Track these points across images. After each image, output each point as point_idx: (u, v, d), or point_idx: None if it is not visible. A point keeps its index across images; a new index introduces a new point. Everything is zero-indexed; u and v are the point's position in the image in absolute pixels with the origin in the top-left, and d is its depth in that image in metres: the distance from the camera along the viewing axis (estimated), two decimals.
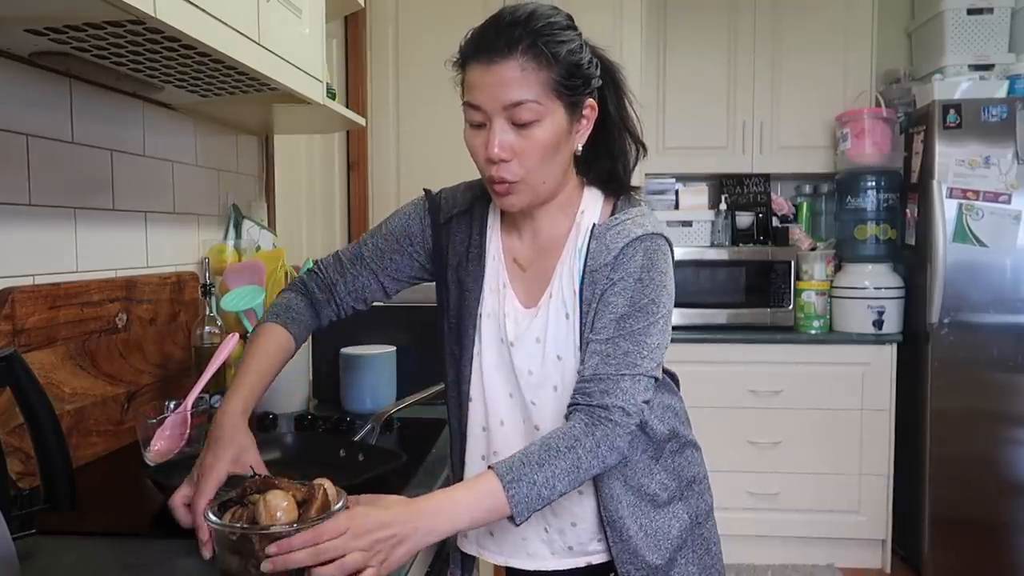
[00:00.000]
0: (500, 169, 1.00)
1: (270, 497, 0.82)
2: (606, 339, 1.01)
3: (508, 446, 1.09)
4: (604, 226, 1.05)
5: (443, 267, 1.16)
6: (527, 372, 1.08)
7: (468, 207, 1.17)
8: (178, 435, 1.26)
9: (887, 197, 3.09)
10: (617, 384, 0.99)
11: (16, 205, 1.18)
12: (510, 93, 0.97)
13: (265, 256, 1.71)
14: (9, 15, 0.94)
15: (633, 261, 1.02)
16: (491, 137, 0.99)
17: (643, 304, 1.01)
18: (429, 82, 3.07)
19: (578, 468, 0.96)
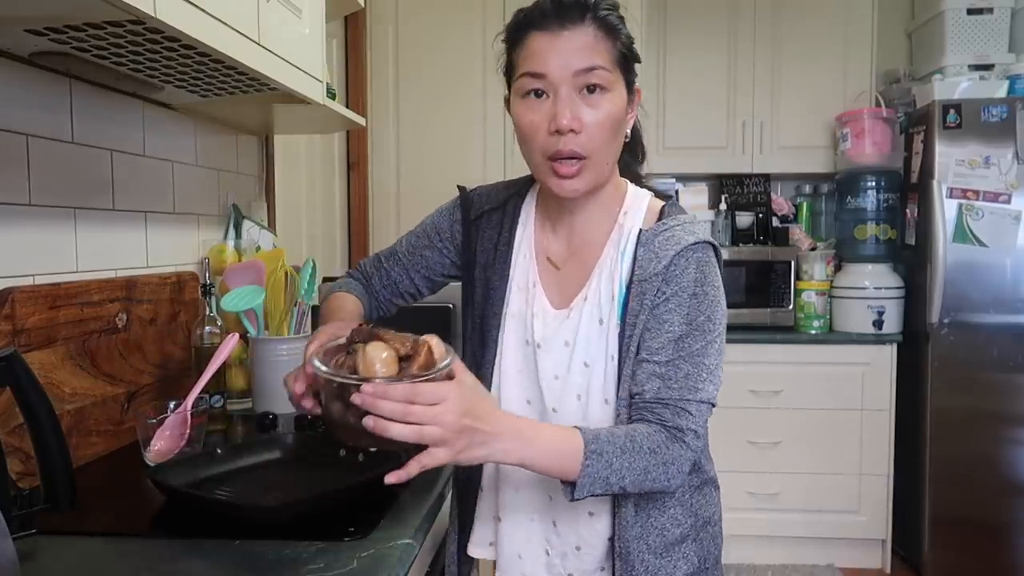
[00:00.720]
0: (569, 141, 0.94)
1: (369, 348, 0.80)
2: (666, 361, 0.95)
3: None
4: (652, 232, 0.99)
5: (471, 265, 1.13)
6: (552, 376, 1.02)
7: (501, 204, 1.12)
8: (178, 435, 1.26)
9: (887, 197, 3.09)
10: (686, 408, 0.95)
11: (16, 205, 1.18)
12: (582, 59, 0.93)
13: (265, 256, 1.71)
14: (9, 15, 0.94)
15: (686, 274, 0.97)
16: (559, 106, 0.93)
17: (700, 322, 0.96)
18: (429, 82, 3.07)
19: (647, 475, 0.92)
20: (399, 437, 0.77)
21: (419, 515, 1.04)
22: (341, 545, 0.92)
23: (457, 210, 1.16)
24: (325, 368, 0.81)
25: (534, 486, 1.05)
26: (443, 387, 0.80)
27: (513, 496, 1.07)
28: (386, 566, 0.87)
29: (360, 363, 0.79)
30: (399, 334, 0.83)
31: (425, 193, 3.12)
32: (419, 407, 0.78)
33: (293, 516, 0.98)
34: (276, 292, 1.61)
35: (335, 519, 0.98)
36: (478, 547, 1.13)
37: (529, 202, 1.11)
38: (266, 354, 1.60)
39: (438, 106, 3.07)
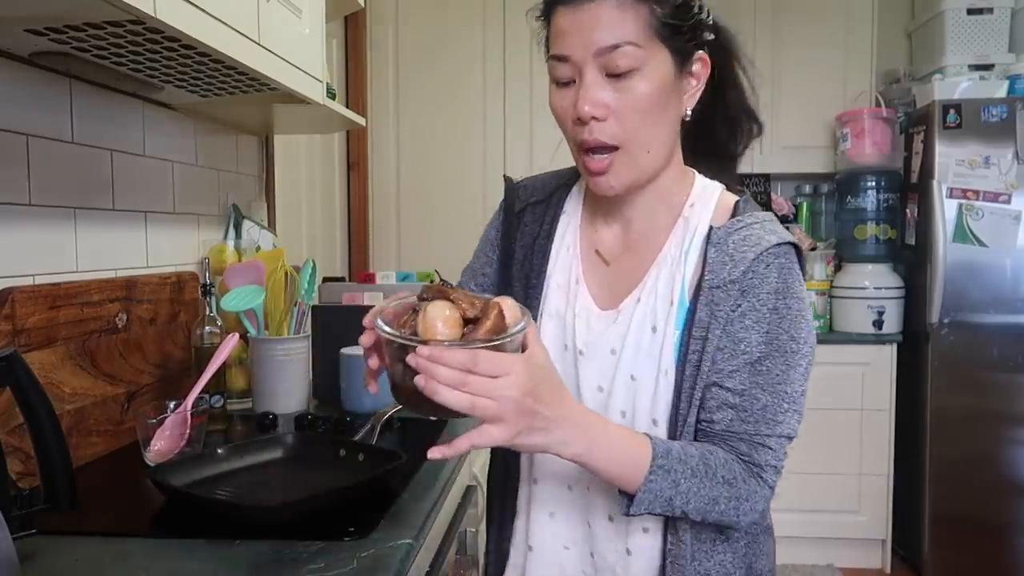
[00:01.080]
0: (594, 129, 0.83)
1: (431, 307, 0.72)
2: (741, 390, 0.84)
3: (552, 477, 0.94)
4: (726, 229, 0.86)
5: (509, 262, 1.02)
6: (596, 388, 0.90)
7: (547, 196, 1.01)
8: (178, 435, 1.26)
9: (887, 197, 3.09)
10: (763, 443, 0.84)
11: (16, 205, 1.18)
12: (604, 35, 0.81)
13: (265, 256, 1.71)
14: (9, 15, 0.94)
15: (766, 283, 0.83)
16: (580, 90, 0.82)
17: (782, 342, 0.84)
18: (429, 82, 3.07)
19: (715, 505, 0.82)
20: (451, 405, 0.69)
21: (419, 515, 1.04)
22: (341, 545, 0.92)
23: (500, 208, 1.05)
24: (388, 328, 0.73)
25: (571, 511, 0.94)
26: (508, 359, 0.71)
27: (547, 522, 0.95)
28: (386, 566, 0.87)
29: (420, 323, 0.72)
30: (471, 294, 0.76)
31: (425, 193, 3.13)
32: (478, 378, 0.69)
33: (293, 516, 0.98)
34: (276, 292, 1.61)
35: (335, 519, 0.98)
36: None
37: (577, 192, 1.00)
38: (266, 354, 1.60)
39: (438, 106, 3.07)
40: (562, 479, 0.94)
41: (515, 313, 0.75)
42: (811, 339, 0.86)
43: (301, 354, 1.65)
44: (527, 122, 3.07)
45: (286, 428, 1.47)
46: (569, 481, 0.93)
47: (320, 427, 1.47)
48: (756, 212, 0.89)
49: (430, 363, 0.68)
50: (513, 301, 0.77)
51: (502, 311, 0.74)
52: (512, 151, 3.08)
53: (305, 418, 1.50)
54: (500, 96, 3.06)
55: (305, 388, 1.68)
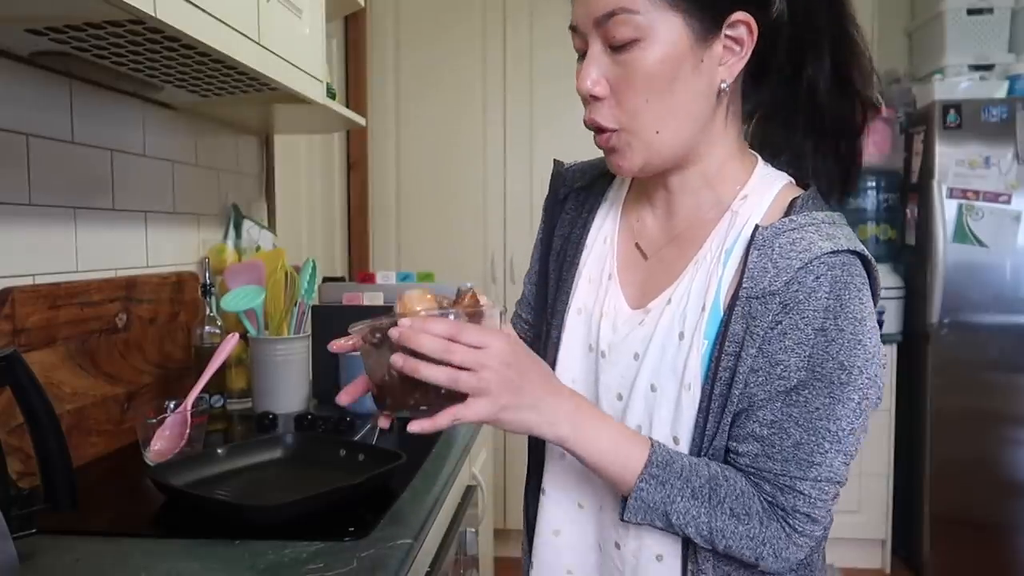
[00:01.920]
0: (591, 109, 0.76)
1: (408, 293, 0.71)
2: (771, 421, 0.72)
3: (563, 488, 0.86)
4: (773, 230, 0.73)
5: (547, 254, 0.93)
6: (616, 396, 0.81)
7: (591, 182, 0.92)
8: (178, 435, 1.26)
9: (887, 197, 3.09)
10: (792, 485, 0.72)
11: (16, 205, 1.18)
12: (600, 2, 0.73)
13: (265, 256, 1.71)
14: (9, 15, 0.94)
15: (814, 298, 0.71)
16: (580, 68, 0.75)
17: (827, 370, 0.71)
18: (429, 82, 3.07)
19: (721, 536, 0.72)
20: (431, 379, 0.65)
21: (419, 515, 1.04)
22: (341, 545, 0.92)
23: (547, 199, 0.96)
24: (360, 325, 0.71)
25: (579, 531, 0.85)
26: (490, 331, 0.68)
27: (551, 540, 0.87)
28: (386, 566, 0.87)
29: (398, 306, 0.71)
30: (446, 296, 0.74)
31: (425, 193, 3.13)
32: (461, 346, 0.65)
33: (293, 516, 0.98)
34: (276, 292, 1.61)
35: (335, 519, 0.98)
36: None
37: (620, 181, 0.90)
38: (266, 354, 1.60)
39: (438, 106, 3.07)
40: (572, 493, 0.85)
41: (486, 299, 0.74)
42: (870, 369, 0.72)
43: (301, 354, 1.65)
44: (527, 122, 3.07)
45: (286, 428, 1.48)
46: (581, 498, 0.85)
47: (320, 427, 1.47)
48: (816, 212, 0.76)
49: (412, 332, 0.65)
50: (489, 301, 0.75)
51: (475, 293, 0.73)
52: (512, 150, 3.08)
53: (305, 418, 1.50)
54: (500, 95, 3.06)
55: (305, 388, 1.68)
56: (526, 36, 3.02)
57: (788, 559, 0.74)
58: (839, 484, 0.74)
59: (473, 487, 1.58)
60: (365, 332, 0.71)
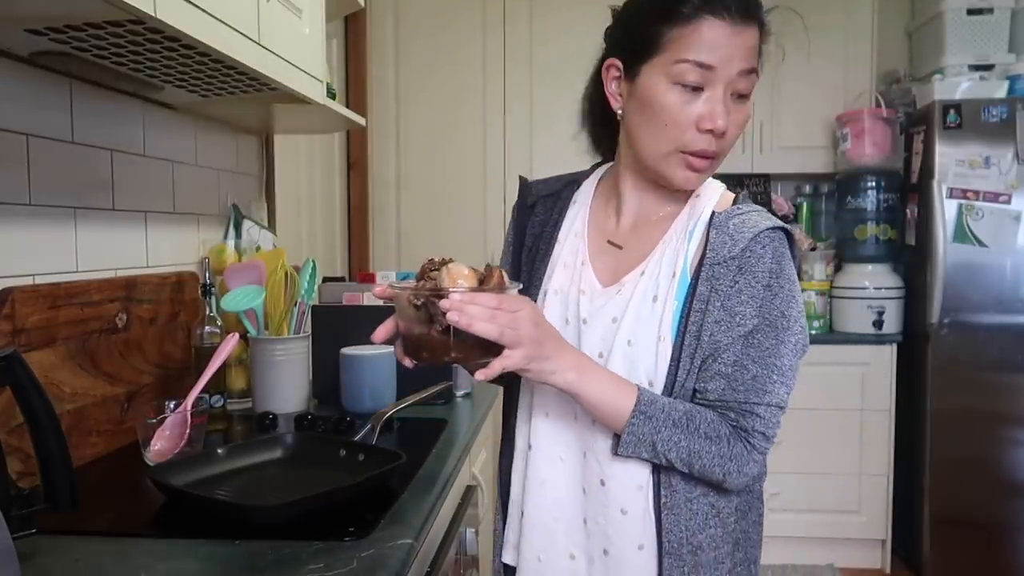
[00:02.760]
0: (715, 142, 0.92)
1: (452, 266, 0.88)
2: (733, 361, 0.91)
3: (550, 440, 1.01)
4: (726, 214, 0.95)
5: (519, 250, 1.11)
6: (596, 355, 0.97)
7: (557, 191, 1.11)
8: (178, 435, 1.26)
9: (887, 197, 3.09)
10: (752, 411, 0.91)
11: (16, 205, 1.18)
12: (751, 59, 0.91)
13: (265, 256, 1.71)
14: (9, 15, 0.94)
15: (761, 263, 0.91)
16: (716, 106, 0.90)
17: (773, 317, 0.91)
18: (429, 82, 3.07)
19: (698, 457, 0.90)
20: (483, 332, 0.82)
21: (419, 515, 1.04)
22: (341, 545, 0.92)
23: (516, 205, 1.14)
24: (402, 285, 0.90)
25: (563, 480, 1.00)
26: (521, 299, 0.87)
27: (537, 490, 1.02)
28: (386, 566, 0.87)
29: (445, 279, 0.87)
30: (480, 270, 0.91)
31: (425, 193, 3.13)
32: (502, 312, 0.83)
33: (293, 516, 0.98)
34: (276, 292, 1.61)
35: (335, 519, 0.98)
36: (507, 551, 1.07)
37: (588, 185, 1.09)
38: (266, 354, 1.60)
39: (438, 105, 3.07)
40: (554, 448, 1.00)
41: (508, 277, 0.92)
42: (801, 320, 0.93)
43: (301, 354, 1.65)
44: (527, 122, 3.07)
45: (286, 428, 1.48)
46: (561, 452, 1.00)
47: (320, 427, 1.47)
48: (753, 204, 0.99)
49: (464, 303, 0.82)
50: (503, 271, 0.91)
51: (503, 273, 0.90)
52: (512, 150, 3.08)
53: (305, 418, 1.50)
54: (500, 95, 3.06)
55: (305, 388, 1.68)
56: (526, 35, 3.02)
57: (747, 474, 0.92)
58: (783, 409, 0.93)
59: (473, 487, 1.58)
60: (409, 295, 0.88)
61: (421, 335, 0.88)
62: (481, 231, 3.07)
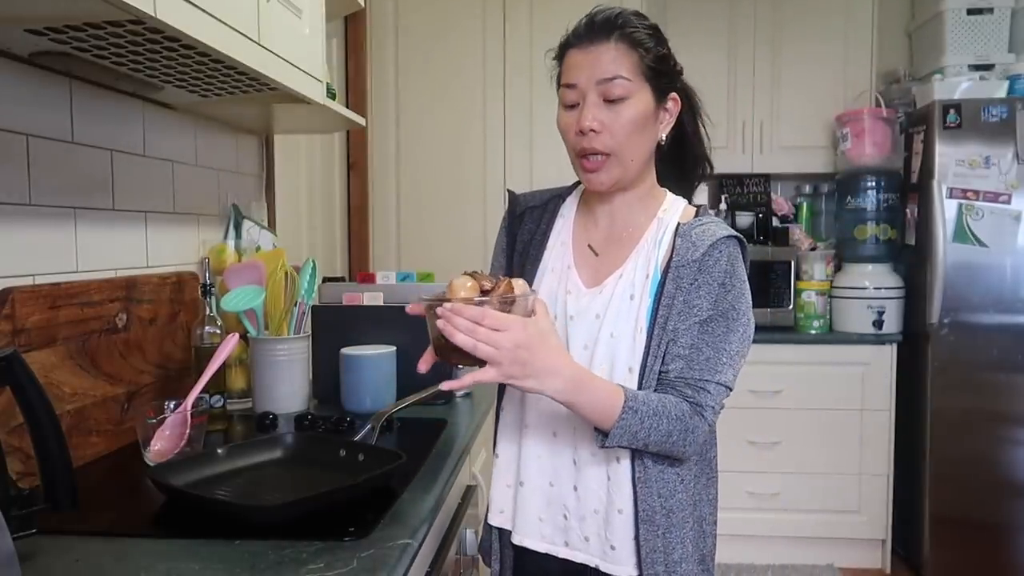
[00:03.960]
0: (591, 140, 1.08)
1: (455, 279, 0.99)
2: (689, 344, 1.06)
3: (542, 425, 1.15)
4: (689, 225, 1.11)
5: (512, 256, 1.24)
6: (583, 347, 1.12)
7: (543, 203, 1.25)
8: (178, 435, 1.26)
9: (887, 197, 3.09)
10: (704, 387, 1.06)
11: (16, 205, 1.18)
12: (605, 69, 1.07)
13: (265, 256, 1.71)
14: (9, 15, 0.94)
15: (718, 265, 1.07)
16: (583, 111, 1.08)
17: (724, 309, 1.07)
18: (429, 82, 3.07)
19: (669, 437, 1.04)
20: (460, 344, 0.94)
21: (419, 515, 1.04)
22: (341, 545, 0.92)
23: (506, 216, 1.28)
24: (424, 296, 1.00)
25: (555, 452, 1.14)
26: (510, 319, 0.96)
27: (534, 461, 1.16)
28: (386, 566, 0.87)
29: (447, 290, 0.98)
30: (492, 276, 1.05)
31: (425, 193, 3.13)
32: (483, 329, 0.94)
33: (293, 516, 0.98)
34: (276, 292, 1.62)
35: (335, 519, 0.98)
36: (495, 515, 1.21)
37: (571, 200, 1.24)
38: (266, 354, 1.60)
39: (438, 106, 3.07)
40: (548, 427, 1.14)
41: (524, 288, 1.02)
42: (749, 313, 1.09)
43: (301, 354, 1.65)
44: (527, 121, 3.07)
45: (286, 428, 1.48)
46: (555, 428, 1.14)
47: (320, 427, 1.47)
48: (712, 216, 1.15)
49: (450, 314, 0.94)
50: (523, 281, 1.03)
51: (511, 284, 1.00)
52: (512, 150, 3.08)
53: (305, 418, 1.50)
54: (500, 95, 3.06)
55: (305, 388, 1.68)
56: (526, 35, 3.02)
57: (698, 441, 1.07)
58: (729, 389, 1.08)
59: (473, 487, 1.58)
60: (427, 304, 0.99)
61: (433, 336, 0.99)
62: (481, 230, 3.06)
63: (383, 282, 1.86)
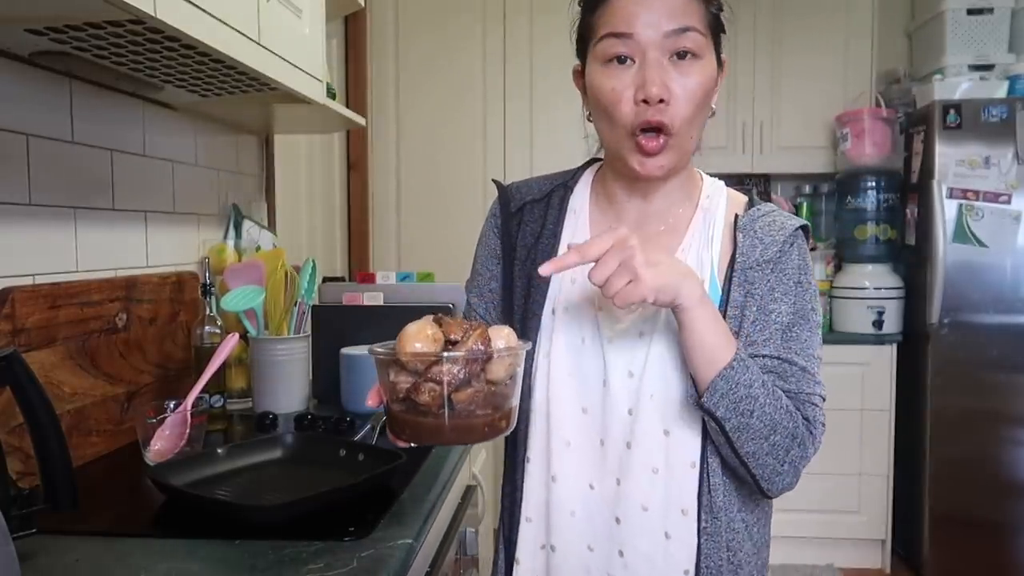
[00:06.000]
0: (659, 112, 0.84)
1: (410, 324, 0.74)
2: (776, 356, 0.88)
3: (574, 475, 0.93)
4: (750, 217, 0.92)
5: (511, 261, 1.01)
6: (627, 374, 0.90)
7: (544, 196, 1.02)
8: (178, 435, 1.26)
9: (887, 197, 3.09)
10: (810, 400, 0.89)
11: (16, 205, 1.18)
12: (676, 19, 0.84)
13: (265, 256, 1.71)
14: (9, 15, 0.94)
15: (791, 262, 0.91)
16: (648, 72, 0.83)
17: (806, 311, 0.91)
18: (429, 82, 3.07)
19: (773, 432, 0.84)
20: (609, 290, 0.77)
21: (419, 515, 1.04)
22: (341, 545, 0.92)
23: (497, 212, 1.04)
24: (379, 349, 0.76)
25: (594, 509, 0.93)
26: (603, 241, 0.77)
27: (568, 521, 0.93)
28: (386, 566, 0.87)
29: (398, 340, 0.73)
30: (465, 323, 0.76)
31: (425, 193, 3.13)
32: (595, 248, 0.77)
33: (293, 516, 0.98)
34: (276, 292, 1.61)
35: (335, 519, 0.98)
36: None
37: (581, 192, 1.01)
38: (266, 354, 1.60)
39: (438, 105, 3.07)
40: (581, 477, 0.93)
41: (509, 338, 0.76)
42: (821, 310, 0.94)
43: (301, 354, 1.65)
44: (527, 121, 3.07)
45: (286, 428, 1.47)
46: (591, 479, 0.92)
47: (320, 427, 1.47)
48: (768, 204, 0.97)
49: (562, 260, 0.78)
50: (510, 330, 0.78)
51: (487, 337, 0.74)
52: (512, 150, 3.08)
53: (305, 418, 1.50)
54: (500, 95, 3.06)
55: (305, 388, 1.68)
56: (526, 35, 3.02)
57: (800, 466, 0.88)
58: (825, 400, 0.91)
59: (473, 487, 1.58)
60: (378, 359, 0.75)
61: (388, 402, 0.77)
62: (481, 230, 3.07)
63: (383, 282, 1.86)
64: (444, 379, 0.71)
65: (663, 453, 0.89)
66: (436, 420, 0.72)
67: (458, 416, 0.72)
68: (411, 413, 0.73)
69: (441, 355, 0.71)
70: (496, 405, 0.75)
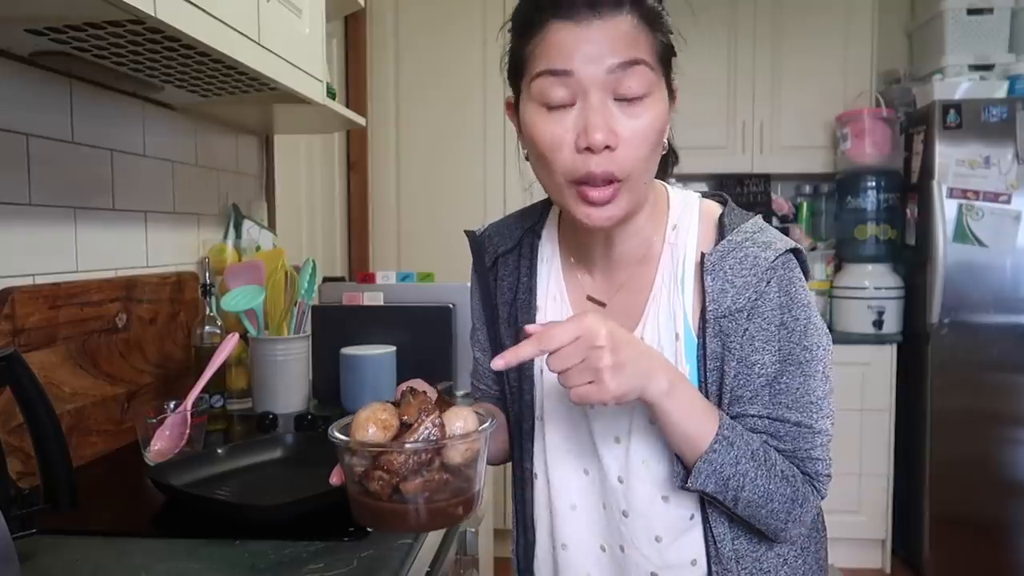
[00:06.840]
0: (603, 161, 0.74)
1: (362, 409, 0.72)
2: (765, 415, 0.80)
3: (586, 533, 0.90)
4: (718, 254, 0.81)
5: (495, 320, 0.96)
6: (613, 440, 0.85)
7: (516, 244, 0.95)
8: (178, 435, 1.26)
9: (887, 197, 3.09)
10: (809, 456, 0.81)
11: (16, 205, 1.18)
12: (621, 50, 0.73)
13: (265, 256, 1.71)
14: (9, 15, 0.94)
15: (769, 301, 0.80)
16: (591, 116, 0.73)
17: (795, 355, 0.80)
18: (429, 82, 3.07)
19: (768, 500, 0.79)
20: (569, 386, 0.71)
21: None
22: (341, 545, 0.92)
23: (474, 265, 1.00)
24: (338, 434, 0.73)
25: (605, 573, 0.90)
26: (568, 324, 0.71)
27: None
28: (386, 566, 0.87)
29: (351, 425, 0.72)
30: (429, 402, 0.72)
31: (425, 193, 3.13)
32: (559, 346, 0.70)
33: (293, 516, 0.98)
34: (276, 292, 1.61)
35: (335, 519, 0.97)
36: None
37: (548, 237, 0.94)
38: (266, 354, 1.60)
39: (438, 105, 3.07)
40: (592, 541, 0.90)
41: (469, 422, 0.72)
42: (824, 340, 0.83)
43: (301, 354, 1.65)
44: None
45: (286, 428, 1.47)
46: (602, 542, 0.90)
47: (320, 427, 1.47)
48: (743, 225, 0.84)
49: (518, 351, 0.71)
50: (471, 412, 0.73)
51: (441, 423, 0.70)
52: (512, 150, 3.08)
53: (305, 418, 1.50)
54: (500, 95, 3.06)
55: (305, 388, 1.68)
56: None
57: (806, 522, 0.83)
58: (831, 437, 0.83)
59: None
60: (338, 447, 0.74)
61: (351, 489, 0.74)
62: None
63: (383, 282, 1.86)
64: (393, 468, 0.69)
65: (663, 520, 0.85)
66: (392, 506, 0.70)
67: (412, 503, 0.70)
68: (369, 496, 0.71)
69: (384, 446, 0.69)
70: (455, 491, 0.71)
